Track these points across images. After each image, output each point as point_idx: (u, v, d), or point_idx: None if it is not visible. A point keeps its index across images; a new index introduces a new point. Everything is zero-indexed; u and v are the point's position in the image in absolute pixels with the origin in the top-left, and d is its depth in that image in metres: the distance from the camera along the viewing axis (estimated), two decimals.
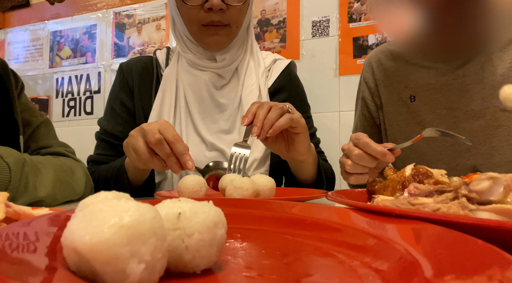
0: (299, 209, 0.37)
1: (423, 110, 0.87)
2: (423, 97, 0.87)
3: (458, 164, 0.82)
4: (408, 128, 0.90)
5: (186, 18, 0.88)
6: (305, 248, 0.29)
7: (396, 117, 0.93)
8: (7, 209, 0.30)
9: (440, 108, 0.85)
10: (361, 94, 1.02)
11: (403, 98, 0.91)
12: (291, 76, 1.04)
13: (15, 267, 0.18)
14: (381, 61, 0.96)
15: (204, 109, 0.92)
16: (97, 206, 0.20)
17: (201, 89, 0.92)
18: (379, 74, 0.96)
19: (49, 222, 0.27)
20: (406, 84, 0.91)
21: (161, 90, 0.93)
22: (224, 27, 0.88)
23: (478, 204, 0.33)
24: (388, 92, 0.94)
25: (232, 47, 0.94)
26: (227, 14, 0.86)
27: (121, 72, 0.99)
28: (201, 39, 0.90)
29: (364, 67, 1.02)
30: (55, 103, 2.15)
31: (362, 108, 1.02)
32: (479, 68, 0.81)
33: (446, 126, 0.84)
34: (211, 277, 0.22)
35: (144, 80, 0.97)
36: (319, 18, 1.63)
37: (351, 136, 0.71)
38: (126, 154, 0.71)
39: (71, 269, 0.19)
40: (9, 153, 0.56)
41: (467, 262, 0.21)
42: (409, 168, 0.43)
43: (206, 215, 0.22)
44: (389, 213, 0.32)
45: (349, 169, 0.69)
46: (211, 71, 0.93)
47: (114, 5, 2.07)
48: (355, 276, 0.23)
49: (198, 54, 0.93)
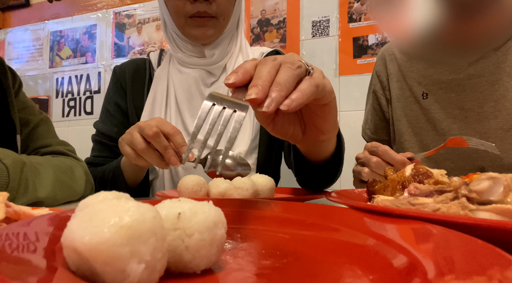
0: (299, 209, 0.37)
1: (435, 108, 0.87)
2: (436, 95, 0.87)
3: (466, 164, 0.82)
4: (417, 125, 0.90)
5: (173, 11, 0.89)
6: (305, 248, 0.29)
7: (406, 113, 0.92)
8: (7, 209, 0.30)
9: (453, 108, 0.85)
10: (373, 87, 1.02)
11: (415, 94, 0.90)
12: None
13: (15, 267, 0.18)
14: (394, 55, 0.96)
15: (194, 106, 0.93)
16: (97, 206, 0.20)
17: (190, 87, 0.93)
18: (392, 68, 0.96)
19: (49, 222, 0.27)
20: (419, 80, 0.90)
21: (152, 90, 0.95)
22: (211, 19, 0.88)
23: (478, 204, 0.33)
24: (400, 87, 0.94)
25: (221, 42, 0.94)
26: (214, 5, 0.87)
27: (115, 75, 1.02)
28: (188, 31, 0.90)
29: (377, 61, 1.02)
30: (55, 103, 2.15)
31: (373, 101, 1.01)
32: (495, 68, 0.81)
33: (457, 126, 0.83)
34: (211, 277, 0.22)
35: (137, 81, 0.98)
36: (319, 18, 1.63)
37: (366, 145, 0.70)
38: (120, 150, 0.69)
39: (71, 269, 0.19)
40: (6, 154, 0.56)
41: (467, 262, 0.21)
42: (409, 168, 0.43)
43: (206, 215, 0.22)
44: (389, 213, 0.32)
45: (365, 177, 0.68)
46: (200, 68, 0.94)
47: (114, 5, 2.07)
48: (355, 276, 0.23)
49: (188, 52, 0.94)
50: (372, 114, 1.02)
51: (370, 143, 0.69)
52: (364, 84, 1.32)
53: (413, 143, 0.90)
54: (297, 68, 0.41)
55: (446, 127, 0.85)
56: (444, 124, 0.85)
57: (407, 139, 0.91)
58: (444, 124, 0.85)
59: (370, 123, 1.03)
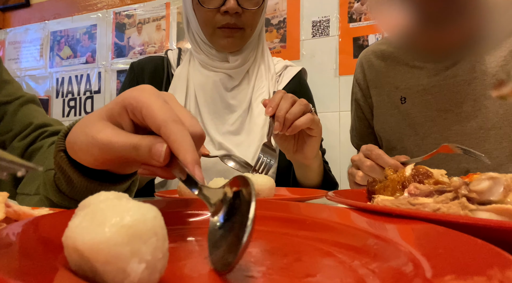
0: (299, 209, 0.37)
1: (414, 112, 0.86)
2: (414, 99, 0.86)
3: (450, 167, 0.81)
4: (399, 130, 0.89)
5: (202, 20, 0.90)
6: (305, 248, 0.29)
7: (387, 119, 0.91)
8: (7, 209, 0.30)
9: (431, 110, 0.84)
10: (354, 96, 1.01)
11: (394, 100, 0.90)
12: (301, 83, 1.04)
13: (15, 267, 0.18)
14: (371, 62, 0.95)
15: (214, 110, 0.93)
16: (98, 205, 0.20)
17: (211, 90, 0.93)
18: (370, 75, 0.95)
19: (49, 222, 0.27)
20: (396, 85, 0.89)
21: (171, 89, 0.95)
22: (238, 30, 0.90)
23: (478, 204, 0.33)
24: (379, 94, 0.93)
25: (245, 50, 0.95)
26: (242, 17, 0.88)
27: (132, 71, 1.01)
28: (215, 41, 0.91)
29: (356, 68, 1.01)
30: (55, 103, 2.15)
31: (356, 110, 1.01)
32: (470, 68, 0.80)
33: (438, 128, 0.83)
34: (211, 277, 0.22)
35: (155, 80, 0.98)
36: (319, 18, 1.63)
37: (362, 147, 0.70)
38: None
39: (72, 268, 0.19)
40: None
41: (467, 262, 0.21)
42: (409, 168, 0.43)
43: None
44: (389, 213, 0.32)
45: (359, 180, 0.69)
46: (222, 72, 0.94)
47: (114, 5, 2.07)
48: (355, 276, 0.23)
49: (211, 56, 0.95)
50: (357, 122, 1.01)
51: (366, 145, 0.69)
52: None
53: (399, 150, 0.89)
54: (304, 105, 0.67)
55: (427, 131, 0.84)
56: (425, 128, 0.84)
57: (394, 146, 0.91)
58: (424, 128, 0.84)
59: (356, 130, 1.02)
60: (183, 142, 0.30)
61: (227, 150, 0.89)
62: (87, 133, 0.35)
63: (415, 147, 0.86)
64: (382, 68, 0.93)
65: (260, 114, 0.92)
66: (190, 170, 0.28)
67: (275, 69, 1.01)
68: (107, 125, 0.34)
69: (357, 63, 1.01)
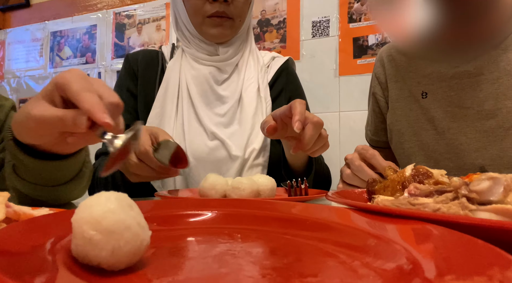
0: (300, 209, 0.37)
1: (434, 107, 0.87)
2: (435, 94, 0.87)
3: (466, 163, 0.82)
4: (417, 124, 0.90)
5: (192, 10, 0.92)
6: (305, 248, 0.29)
7: (406, 113, 0.92)
8: (7, 209, 0.30)
9: (452, 106, 0.84)
10: (372, 90, 1.02)
11: (414, 94, 0.90)
12: (289, 72, 1.07)
13: (15, 267, 0.18)
14: (392, 56, 0.96)
15: (206, 102, 0.95)
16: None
17: (202, 83, 0.95)
18: (390, 70, 0.96)
19: (49, 222, 0.27)
20: (418, 80, 0.90)
21: (165, 81, 0.96)
22: (228, 20, 0.92)
23: (478, 204, 0.33)
24: (399, 87, 0.94)
25: (235, 41, 0.97)
26: (231, 7, 0.90)
27: (127, 61, 1.03)
28: (205, 30, 0.93)
29: (375, 63, 1.02)
30: None
31: (373, 104, 1.02)
32: (494, 67, 0.80)
33: (457, 124, 0.83)
34: (211, 277, 0.22)
35: (149, 70, 1.00)
36: (319, 18, 1.63)
37: (357, 147, 0.70)
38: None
39: (76, 253, 0.19)
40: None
41: (467, 262, 0.21)
42: (409, 168, 0.43)
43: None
44: (389, 213, 0.32)
45: (345, 178, 0.69)
46: (212, 65, 0.96)
47: (114, 6, 2.07)
48: (355, 276, 0.23)
49: (201, 49, 0.97)
50: (372, 116, 1.03)
51: (361, 145, 0.69)
52: (364, 85, 1.32)
53: (413, 143, 0.90)
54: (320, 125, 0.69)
55: (445, 126, 0.85)
56: (444, 123, 0.85)
57: (407, 140, 0.91)
58: (443, 123, 0.85)
59: (371, 125, 1.04)
60: (94, 104, 0.37)
61: (220, 139, 0.90)
62: (25, 111, 0.43)
63: (432, 140, 0.86)
64: (404, 63, 0.94)
65: (250, 104, 0.94)
66: (97, 118, 0.36)
67: (263, 61, 1.04)
68: (40, 103, 0.42)
69: (376, 58, 1.02)
